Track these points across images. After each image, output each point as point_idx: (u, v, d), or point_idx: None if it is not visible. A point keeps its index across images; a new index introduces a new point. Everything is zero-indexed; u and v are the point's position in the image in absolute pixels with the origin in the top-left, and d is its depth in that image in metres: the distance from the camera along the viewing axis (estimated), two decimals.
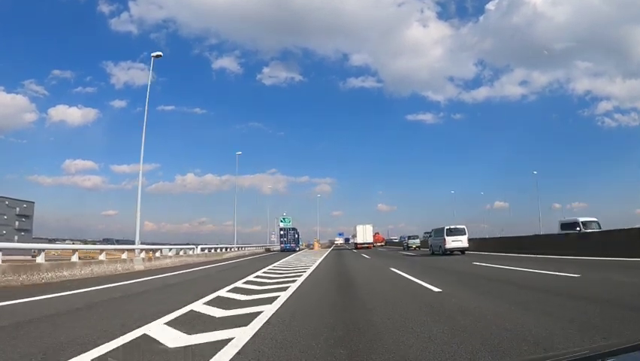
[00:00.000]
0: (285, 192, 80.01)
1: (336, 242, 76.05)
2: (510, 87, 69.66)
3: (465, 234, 21.20)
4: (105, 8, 63.91)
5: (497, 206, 72.64)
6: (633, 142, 64.50)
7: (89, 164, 68.59)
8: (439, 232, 22.44)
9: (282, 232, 47.50)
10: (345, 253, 33.01)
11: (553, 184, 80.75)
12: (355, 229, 50.27)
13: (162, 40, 67.43)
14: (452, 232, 21.10)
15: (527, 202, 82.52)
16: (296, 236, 47.43)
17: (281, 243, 46.50)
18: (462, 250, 20.87)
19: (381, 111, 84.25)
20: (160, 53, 22.42)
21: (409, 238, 39.92)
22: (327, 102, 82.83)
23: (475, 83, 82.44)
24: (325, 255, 27.29)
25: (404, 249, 37.37)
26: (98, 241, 40.78)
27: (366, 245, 45.63)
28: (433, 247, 23.35)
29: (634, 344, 1.30)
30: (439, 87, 79.93)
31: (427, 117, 74.63)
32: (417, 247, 36.49)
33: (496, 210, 72.10)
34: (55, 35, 70.91)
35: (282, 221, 50.30)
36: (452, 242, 20.80)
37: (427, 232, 31.43)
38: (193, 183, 76.10)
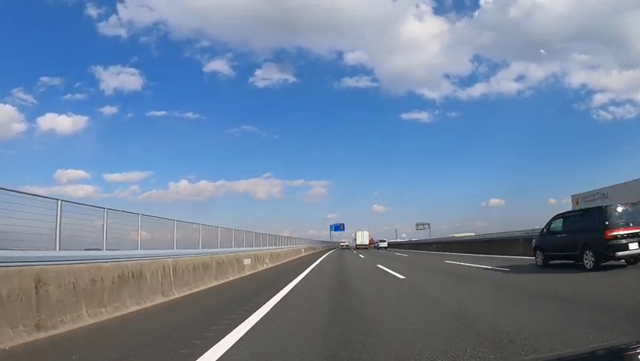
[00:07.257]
0: (280, 196, 79.20)
1: (341, 244, 71.01)
2: (506, 83, 68.16)
3: (386, 241, 62.95)
4: (93, 12, 63.42)
5: (493, 203, 71.58)
6: (628, 134, 63.33)
7: (80, 173, 67.04)
8: (378, 241, 64.57)
9: None
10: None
11: (549, 179, 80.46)
12: (355, 234, 71.14)
13: (152, 44, 66.20)
14: (381, 241, 63.85)
15: (523, 199, 79.48)
16: None
17: None
18: (384, 248, 57.26)
19: (377, 111, 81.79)
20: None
21: (378, 241, 67.63)
22: (321, 104, 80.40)
23: (471, 79, 79.81)
24: None
25: (375, 248, 62.14)
26: None
27: (363, 246, 64.29)
28: (375, 247, 62.27)
29: (634, 344, 1.30)
30: (435, 84, 76.05)
31: (423, 116, 72.53)
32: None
33: (492, 208, 71.70)
34: (42, 41, 66.54)
35: None
36: (380, 245, 61.83)
37: (376, 241, 68.29)
38: (187, 190, 73.77)
